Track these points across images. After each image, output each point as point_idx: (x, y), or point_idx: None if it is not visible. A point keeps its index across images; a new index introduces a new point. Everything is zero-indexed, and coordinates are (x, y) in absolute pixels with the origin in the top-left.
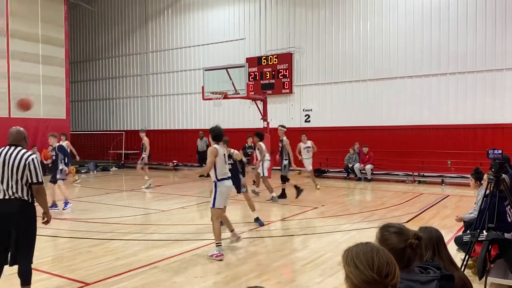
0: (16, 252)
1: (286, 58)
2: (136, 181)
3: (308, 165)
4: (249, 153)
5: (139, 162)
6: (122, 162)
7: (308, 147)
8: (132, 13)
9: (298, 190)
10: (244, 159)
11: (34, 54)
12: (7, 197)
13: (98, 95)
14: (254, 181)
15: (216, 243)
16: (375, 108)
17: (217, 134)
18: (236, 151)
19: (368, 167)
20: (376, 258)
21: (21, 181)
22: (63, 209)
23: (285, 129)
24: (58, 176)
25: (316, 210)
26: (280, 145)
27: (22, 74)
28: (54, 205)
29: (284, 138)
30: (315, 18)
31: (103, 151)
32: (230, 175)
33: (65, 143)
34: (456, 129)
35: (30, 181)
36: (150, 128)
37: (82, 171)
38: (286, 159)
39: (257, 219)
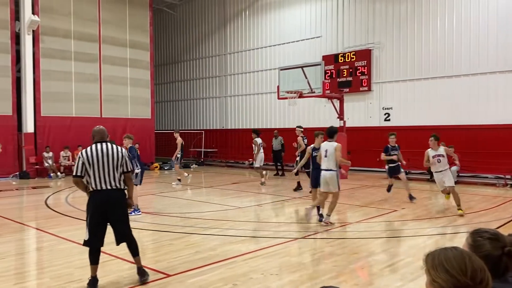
0: (121, 232)
1: (365, 54)
2: (214, 178)
3: (441, 180)
4: (393, 154)
5: (175, 161)
6: (202, 159)
7: (440, 155)
8: (211, 16)
9: (298, 186)
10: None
11: (122, 58)
12: (109, 187)
13: (180, 96)
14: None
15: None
16: (461, 106)
17: (327, 132)
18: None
19: (454, 168)
20: (469, 263)
21: (120, 171)
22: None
23: (302, 129)
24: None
25: (396, 212)
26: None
27: (112, 77)
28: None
29: (299, 137)
30: (396, 12)
31: (184, 149)
32: (325, 167)
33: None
34: None
35: (125, 170)
36: (227, 127)
37: (165, 168)
38: (298, 155)
39: (321, 215)
